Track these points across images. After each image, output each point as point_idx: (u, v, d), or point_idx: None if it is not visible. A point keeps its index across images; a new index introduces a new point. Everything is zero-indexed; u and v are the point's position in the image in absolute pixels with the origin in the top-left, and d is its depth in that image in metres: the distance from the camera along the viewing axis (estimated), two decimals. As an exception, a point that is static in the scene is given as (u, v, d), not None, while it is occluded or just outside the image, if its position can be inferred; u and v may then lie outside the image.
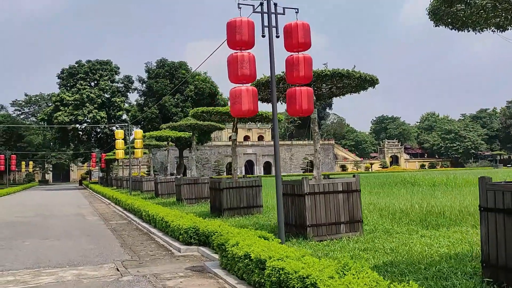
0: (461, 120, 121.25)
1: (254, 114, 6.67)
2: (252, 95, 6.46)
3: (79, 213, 18.62)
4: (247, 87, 6.45)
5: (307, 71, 6.67)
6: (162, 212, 11.79)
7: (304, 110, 6.66)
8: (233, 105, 6.47)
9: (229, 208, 13.07)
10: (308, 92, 6.73)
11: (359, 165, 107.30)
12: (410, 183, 24.14)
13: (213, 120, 14.10)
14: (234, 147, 13.75)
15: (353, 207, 8.84)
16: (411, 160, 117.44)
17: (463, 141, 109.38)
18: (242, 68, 6.36)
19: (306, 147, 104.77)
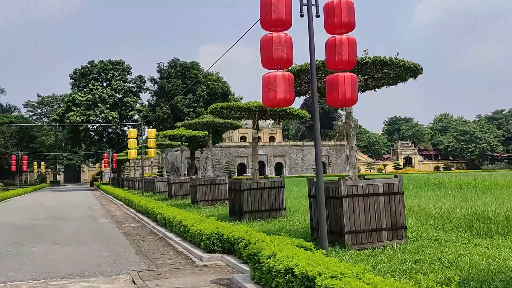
0: (476, 121, 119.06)
1: (290, 103, 5.77)
2: (289, 82, 5.56)
3: (91, 215, 17.87)
4: (283, 72, 5.55)
5: (351, 55, 5.75)
6: (179, 215, 10.93)
7: (347, 100, 5.74)
8: (266, 93, 5.56)
9: (250, 211, 12.17)
10: (353, 79, 5.80)
11: (372, 166, 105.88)
12: (434, 185, 23.01)
13: (232, 116, 13.22)
14: (255, 146, 12.85)
15: (396, 212, 7.89)
16: (425, 162, 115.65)
17: (478, 142, 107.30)
18: (278, 51, 5.47)
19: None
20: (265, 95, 5.58)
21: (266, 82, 5.54)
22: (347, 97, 5.70)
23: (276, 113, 12.36)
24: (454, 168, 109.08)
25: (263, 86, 5.61)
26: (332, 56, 5.74)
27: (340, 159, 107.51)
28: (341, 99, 5.68)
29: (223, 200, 17.44)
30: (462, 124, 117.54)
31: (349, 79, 5.73)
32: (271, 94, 5.49)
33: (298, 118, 12.63)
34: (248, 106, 11.73)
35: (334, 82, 5.73)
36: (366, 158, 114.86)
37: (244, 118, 13.79)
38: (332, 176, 76.28)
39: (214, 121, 17.06)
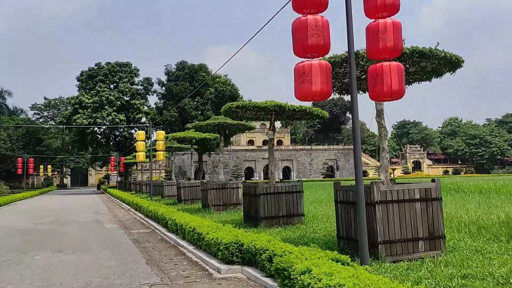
0: (486, 125, 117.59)
1: (327, 96, 5.07)
2: (326, 72, 4.87)
3: (97, 220, 17.22)
4: (319, 61, 4.85)
5: (396, 41, 5.04)
6: (192, 222, 10.23)
7: (394, 92, 5.03)
8: (300, 84, 4.86)
9: (266, 217, 11.45)
10: (399, 68, 5.09)
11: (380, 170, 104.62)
12: (453, 190, 22.18)
13: (247, 117, 12.52)
14: (272, 148, 12.14)
15: (433, 220, 7.15)
16: (434, 166, 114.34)
17: (488, 146, 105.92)
18: (313, 36, 4.77)
19: (325, 151, 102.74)
20: (298, 87, 4.88)
21: (300, 72, 4.85)
22: (393, 90, 4.98)
23: (294, 113, 11.65)
24: (463, 173, 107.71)
25: (296, 77, 4.91)
26: (375, 43, 5.03)
27: (349, 163, 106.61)
28: (387, 91, 4.97)
29: (235, 205, 16.74)
30: (472, 128, 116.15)
31: (396, 68, 5.02)
32: (306, 86, 4.79)
33: (317, 118, 11.92)
34: (265, 105, 11.03)
35: (379, 73, 5.02)
36: (375, 162, 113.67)
37: (258, 120, 13.09)
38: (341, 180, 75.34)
39: (226, 122, 16.40)
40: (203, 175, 64.24)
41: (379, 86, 5.06)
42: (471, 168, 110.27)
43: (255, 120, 13.27)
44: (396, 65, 5.10)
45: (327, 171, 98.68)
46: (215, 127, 17.13)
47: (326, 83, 4.85)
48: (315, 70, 4.76)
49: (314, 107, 11.47)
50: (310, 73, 4.76)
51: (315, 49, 4.80)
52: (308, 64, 4.83)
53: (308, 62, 4.85)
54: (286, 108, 11.09)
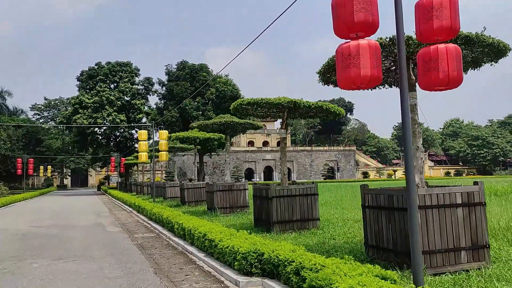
0: (489, 126, 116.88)
1: (378, 83, 4.33)
2: (376, 54, 4.14)
3: (99, 223, 16.47)
4: (368, 41, 4.12)
5: (453, 19, 4.30)
6: (201, 226, 9.49)
7: (452, 80, 4.30)
8: (345, 69, 4.14)
9: (280, 222, 10.71)
10: (457, 51, 4.37)
11: (381, 172, 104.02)
12: None
13: (258, 114, 11.79)
14: (284, 147, 11.40)
15: (477, 227, 6.41)
16: (435, 167, 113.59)
17: (491, 147, 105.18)
18: (360, 11, 4.04)
19: (326, 153, 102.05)
20: (342, 72, 4.15)
21: (345, 54, 4.12)
22: (451, 76, 4.26)
23: (308, 110, 10.91)
24: (465, 174, 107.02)
25: (338, 61, 4.19)
26: (428, 22, 4.29)
27: (349, 164, 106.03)
28: (443, 79, 4.24)
29: (242, 207, 16.01)
30: (474, 129, 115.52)
31: (453, 52, 4.30)
32: (353, 71, 4.06)
33: (333, 116, 11.18)
34: (279, 102, 10.29)
35: (433, 57, 4.29)
36: (375, 163, 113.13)
37: (269, 117, 12.37)
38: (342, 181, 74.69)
39: (233, 121, 15.67)
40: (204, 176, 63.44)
41: (434, 72, 4.33)
42: (473, 170, 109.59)
43: (265, 117, 12.53)
44: (454, 47, 4.37)
45: (327, 172, 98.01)
46: (221, 126, 16.40)
47: (377, 67, 4.12)
48: (363, 51, 4.04)
49: (331, 104, 10.73)
50: (358, 55, 4.04)
51: (362, 27, 4.07)
52: (355, 45, 4.10)
53: (355, 43, 4.12)
54: (301, 105, 10.36)
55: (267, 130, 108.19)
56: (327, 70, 7.25)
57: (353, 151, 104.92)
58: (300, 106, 10.39)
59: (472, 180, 46.36)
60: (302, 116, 11.91)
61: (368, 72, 4.05)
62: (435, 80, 4.35)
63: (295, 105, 10.32)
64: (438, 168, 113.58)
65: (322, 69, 7.22)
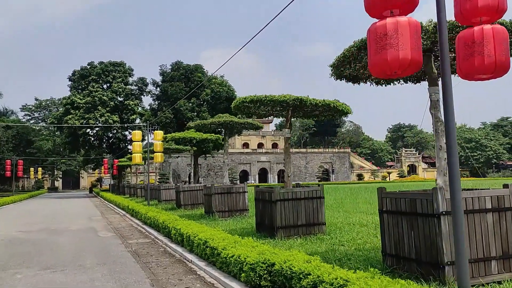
0: (482, 129, 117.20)
1: (418, 68, 3.70)
2: (416, 34, 3.53)
3: (91, 228, 15.75)
4: (408, 18, 3.52)
5: (500, -4, 3.70)
6: (201, 232, 8.85)
7: (499, 65, 3.71)
8: (380, 51, 3.53)
9: (284, 227, 10.09)
10: (504, 34, 3.77)
11: (376, 174, 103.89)
12: None
13: (260, 113, 11.17)
14: (288, 147, 10.80)
15: (508, 234, 5.83)
16: (429, 170, 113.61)
17: (484, 150, 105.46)
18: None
19: (321, 155, 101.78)
20: (377, 55, 3.54)
21: (380, 34, 3.52)
22: (498, 62, 3.66)
23: (314, 108, 10.32)
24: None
25: (371, 42, 3.59)
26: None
27: (344, 167, 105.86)
28: (489, 65, 3.65)
29: (241, 211, 15.38)
30: (467, 131, 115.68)
31: (501, 34, 3.70)
32: (390, 54, 3.46)
33: (340, 114, 10.60)
34: (284, 99, 9.69)
35: (477, 39, 3.71)
36: (370, 165, 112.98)
37: (272, 116, 11.76)
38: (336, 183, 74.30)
39: (232, 120, 15.05)
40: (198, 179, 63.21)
41: (478, 57, 3.74)
42: (466, 172, 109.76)
43: (268, 116, 11.92)
44: (501, 29, 3.78)
45: (322, 174, 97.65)
46: (219, 126, 15.77)
47: (417, 49, 3.52)
48: (403, 30, 3.43)
49: (339, 102, 10.14)
50: (396, 34, 3.43)
51: (398, 2, 3.47)
52: (393, 23, 3.48)
53: (392, 20, 3.51)
54: (308, 103, 9.76)
55: (262, 132, 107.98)
56: (341, 63, 6.66)
57: (348, 153, 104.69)
58: (306, 104, 9.79)
59: (469, 182, 45.82)
60: (306, 115, 11.31)
61: (408, 55, 3.45)
62: (480, 66, 3.76)
63: (301, 102, 9.72)
64: (432, 170, 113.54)
65: (336, 61, 6.61)
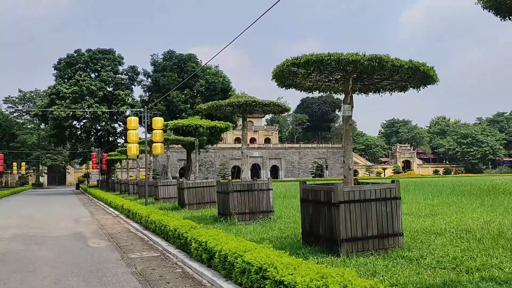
0: (477, 124, 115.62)
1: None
2: None
3: (78, 234, 12.73)
4: None
5: None
6: (248, 253, 5.95)
7: None
8: None
9: (350, 239, 7.26)
10: None
11: (371, 170, 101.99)
12: (491, 191, 18.95)
13: (305, 85, 8.30)
14: (349, 130, 7.95)
15: None
16: (424, 166, 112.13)
17: (480, 146, 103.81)
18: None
19: (315, 150, 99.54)
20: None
21: None
22: None
23: (393, 72, 7.46)
24: (453, 172, 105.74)
25: None
26: None
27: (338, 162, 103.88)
28: None
29: (265, 213, 12.48)
30: (463, 127, 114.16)
31: None
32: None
33: (424, 82, 7.74)
34: (355, 59, 6.81)
35: None
36: (364, 161, 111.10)
37: (323, 90, 8.88)
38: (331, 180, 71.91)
39: (255, 101, 12.11)
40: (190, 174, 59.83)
41: None
42: (461, 168, 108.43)
43: (317, 89, 8.98)
44: None
45: (316, 170, 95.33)
46: (237, 108, 12.80)
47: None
48: None
49: (426, 64, 7.27)
50: None
51: None
52: None
53: None
54: (388, 64, 6.89)
55: (254, 127, 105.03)
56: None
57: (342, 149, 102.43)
58: (385, 65, 6.90)
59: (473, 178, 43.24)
60: (372, 86, 8.45)
61: None
62: None
63: (379, 63, 6.82)
64: (427, 166, 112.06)
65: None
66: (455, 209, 13.53)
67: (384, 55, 6.93)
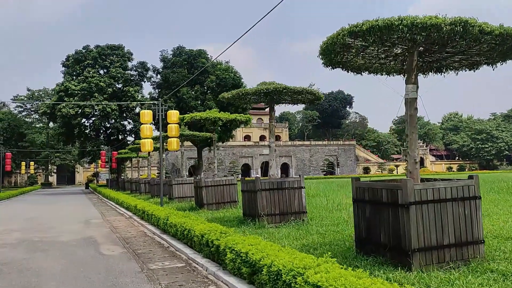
0: (492, 120, 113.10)
1: None
2: None
3: (89, 238, 11.45)
4: None
5: None
6: (311, 270, 4.58)
7: None
8: None
9: (424, 249, 5.87)
10: None
11: (383, 167, 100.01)
12: None
13: (356, 64, 6.93)
14: (414, 115, 6.54)
15: None
16: (437, 162, 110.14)
17: (495, 141, 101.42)
18: None
19: (326, 147, 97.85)
20: None
21: None
22: None
23: (478, 41, 6.05)
24: (467, 169, 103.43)
25: None
26: None
27: (350, 160, 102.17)
28: None
29: (297, 214, 11.10)
30: (477, 122, 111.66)
31: None
32: None
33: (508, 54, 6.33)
34: (435, 22, 5.41)
35: None
36: (376, 158, 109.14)
37: (379, 69, 7.48)
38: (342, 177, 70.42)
39: (286, 87, 10.72)
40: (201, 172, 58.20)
41: None
42: (475, 165, 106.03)
43: (367, 70, 7.56)
44: None
45: (327, 168, 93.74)
46: (264, 97, 11.43)
47: None
48: None
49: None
50: None
51: None
52: None
53: None
54: (475, 28, 5.48)
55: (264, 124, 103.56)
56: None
57: (353, 146, 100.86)
58: (470, 31, 5.48)
59: (483, 174, 41.19)
60: (439, 63, 7.02)
61: None
62: None
63: (465, 27, 5.41)
64: (440, 163, 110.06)
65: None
66: (507, 208, 12.08)
67: (469, 18, 5.51)
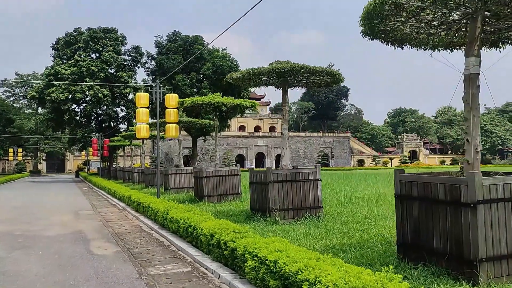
0: (486, 114, 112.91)
1: None
2: None
3: (78, 233, 10.20)
4: None
5: None
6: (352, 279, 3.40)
7: None
8: None
9: (494, 258, 4.72)
10: None
11: (377, 159, 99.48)
12: None
13: (404, 35, 5.74)
14: (475, 95, 5.37)
15: None
16: (430, 156, 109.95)
17: (489, 136, 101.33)
18: None
19: (320, 139, 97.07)
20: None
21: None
22: None
23: None
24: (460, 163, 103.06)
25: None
26: None
27: (344, 152, 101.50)
28: None
29: (312, 209, 9.93)
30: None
31: None
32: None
33: None
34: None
35: None
36: (370, 150, 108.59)
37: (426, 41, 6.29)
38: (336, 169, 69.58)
39: (304, 66, 9.50)
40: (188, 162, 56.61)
41: None
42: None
43: (413, 41, 6.34)
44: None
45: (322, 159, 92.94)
46: (277, 78, 10.20)
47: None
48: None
49: None
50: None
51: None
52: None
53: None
54: None
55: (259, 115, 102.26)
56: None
57: (348, 138, 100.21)
58: None
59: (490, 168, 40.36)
60: (507, 33, 5.85)
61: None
62: None
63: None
64: (433, 156, 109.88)
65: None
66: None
67: None
